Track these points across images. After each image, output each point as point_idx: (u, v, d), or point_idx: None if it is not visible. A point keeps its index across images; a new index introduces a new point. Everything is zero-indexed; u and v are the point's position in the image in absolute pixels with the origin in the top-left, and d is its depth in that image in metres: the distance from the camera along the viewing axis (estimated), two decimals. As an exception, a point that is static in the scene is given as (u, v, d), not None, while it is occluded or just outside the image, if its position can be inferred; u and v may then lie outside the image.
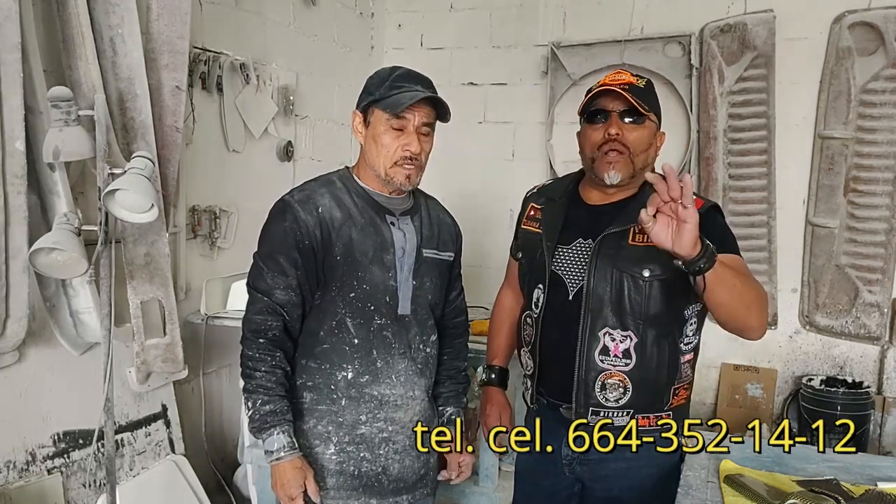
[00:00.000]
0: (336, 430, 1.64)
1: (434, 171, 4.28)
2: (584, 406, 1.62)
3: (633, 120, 1.61)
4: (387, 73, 1.60)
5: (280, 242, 1.59)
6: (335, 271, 1.60)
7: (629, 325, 1.58)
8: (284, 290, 1.58)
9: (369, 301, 1.62)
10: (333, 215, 1.60)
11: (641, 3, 3.75)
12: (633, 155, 1.60)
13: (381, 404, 1.65)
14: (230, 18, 3.05)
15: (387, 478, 1.68)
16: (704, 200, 1.61)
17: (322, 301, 1.62)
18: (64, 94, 1.82)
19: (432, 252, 1.71)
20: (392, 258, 1.63)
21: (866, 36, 3.38)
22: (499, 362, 1.92)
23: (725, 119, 3.61)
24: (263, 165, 3.31)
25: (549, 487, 1.76)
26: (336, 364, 1.63)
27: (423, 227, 1.70)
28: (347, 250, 1.59)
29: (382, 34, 4.26)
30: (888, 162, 3.40)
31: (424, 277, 1.69)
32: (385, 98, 1.56)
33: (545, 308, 1.68)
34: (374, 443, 1.66)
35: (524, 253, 1.79)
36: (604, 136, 1.61)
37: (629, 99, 1.57)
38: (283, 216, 1.60)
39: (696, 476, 1.47)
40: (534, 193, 1.85)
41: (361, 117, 1.63)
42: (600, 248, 1.60)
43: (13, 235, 1.94)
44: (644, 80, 1.65)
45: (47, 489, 2.17)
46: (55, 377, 2.24)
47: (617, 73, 1.65)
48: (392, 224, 1.64)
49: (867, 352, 3.56)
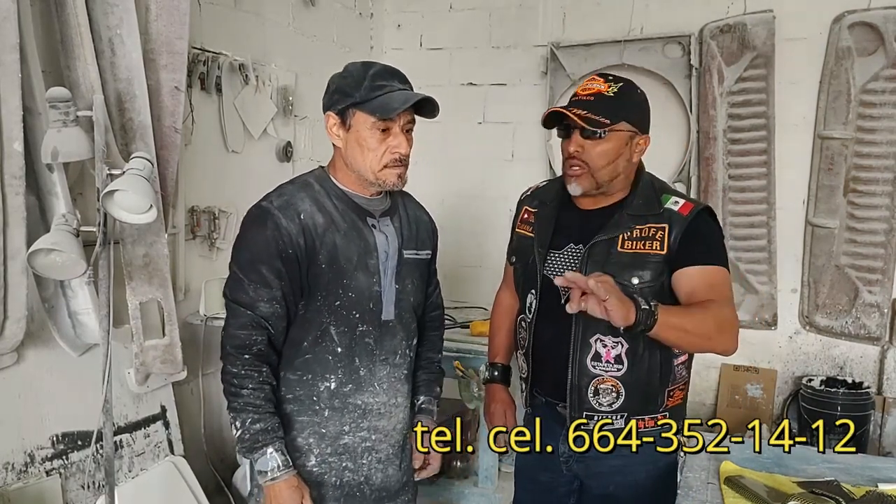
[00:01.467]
0: (318, 441, 1.60)
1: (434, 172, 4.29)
2: (577, 410, 1.64)
3: (593, 135, 1.57)
4: (361, 71, 1.51)
5: (261, 252, 1.50)
6: (320, 279, 1.54)
7: (619, 332, 1.58)
8: (268, 303, 1.51)
9: (354, 308, 1.57)
10: (316, 221, 1.53)
11: (641, 4, 3.75)
12: (594, 170, 1.59)
13: (364, 413, 1.61)
14: (229, 19, 3.05)
15: (369, 487, 1.65)
16: (694, 204, 1.62)
17: (307, 311, 1.56)
18: (62, 95, 1.82)
19: (412, 253, 1.66)
20: (376, 262, 1.58)
21: (866, 36, 3.38)
22: (501, 360, 1.93)
23: (725, 119, 3.61)
24: (263, 166, 3.30)
25: (548, 483, 1.78)
26: (319, 374, 1.58)
27: (403, 228, 1.65)
28: (332, 257, 1.53)
29: (382, 34, 4.26)
30: (888, 162, 3.40)
31: (406, 280, 1.65)
32: (370, 100, 1.48)
33: (537, 313, 1.68)
34: (357, 452, 1.63)
35: (518, 257, 1.80)
36: (567, 153, 1.62)
37: (590, 116, 1.55)
38: (264, 224, 1.51)
39: (696, 477, 1.47)
40: (527, 196, 1.85)
41: (338, 119, 1.53)
42: (589, 256, 1.61)
43: (11, 236, 1.94)
44: (618, 84, 1.60)
45: (46, 491, 2.16)
46: (54, 378, 2.24)
47: (590, 81, 1.62)
48: (373, 227, 1.59)
49: (867, 352, 3.55)
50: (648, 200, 1.62)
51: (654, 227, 1.58)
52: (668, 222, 1.58)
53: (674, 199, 1.62)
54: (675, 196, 1.64)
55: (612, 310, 1.35)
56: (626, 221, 1.60)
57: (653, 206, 1.61)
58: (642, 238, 1.58)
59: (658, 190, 1.66)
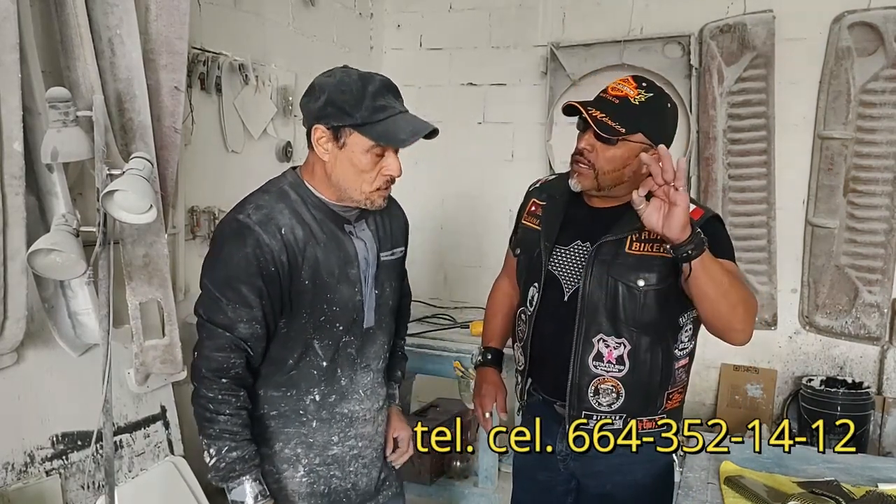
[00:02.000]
0: (306, 451, 1.57)
1: (434, 172, 4.28)
2: (577, 409, 1.64)
3: (607, 139, 1.55)
4: (359, 87, 1.40)
5: (241, 270, 1.42)
6: (303, 297, 1.47)
7: (623, 333, 1.58)
8: (248, 324, 1.43)
9: (338, 321, 1.52)
10: (297, 235, 1.45)
11: (641, 4, 3.75)
12: (598, 173, 1.57)
13: (351, 422, 1.60)
14: (229, 19, 3.05)
15: (355, 492, 1.65)
16: (704, 210, 1.61)
17: (289, 329, 1.50)
18: (62, 95, 1.81)
19: (388, 254, 1.62)
20: (357, 272, 1.53)
21: (866, 36, 3.38)
22: (494, 344, 1.93)
23: (725, 119, 3.61)
24: (262, 166, 3.29)
25: (546, 482, 1.78)
26: (303, 389, 1.54)
27: (379, 229, 1.60)
28: (315, 272, 1.47)
29: (381, 35, 4.26)
30: (888, 162, 3.40)
31: (384, 284, 1.61)
32: (372, 124, 1.39)
33: (539, 307, 1.68)
34: (346, 461, 1.61)
35: (522, 249, 1.79)
36: (578, 147, 1.61)
37: (607, 122, 1.52)
38: (243, 240, 1.42)
39: (696, 477, 1.47)
40: (536, 188, 1.84)
41: (330, 134, 1.42)
42: (596, 255, 1.61)
43: (11, 237, 1.94)
44: (648, 94, 1.56)
45: (46, 491, 2.16)
46: (54, 378, 2.23)
47: (622, 82, 1.58)
48: (351, 234, 1.53)
49: (867, 352, 3.55)
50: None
51: None
52: None
53: None
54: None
55: (680, 207, 1.32)
56: (635, 223, 1.59)
57: None
58: (651, 241, 1.58)
59: None
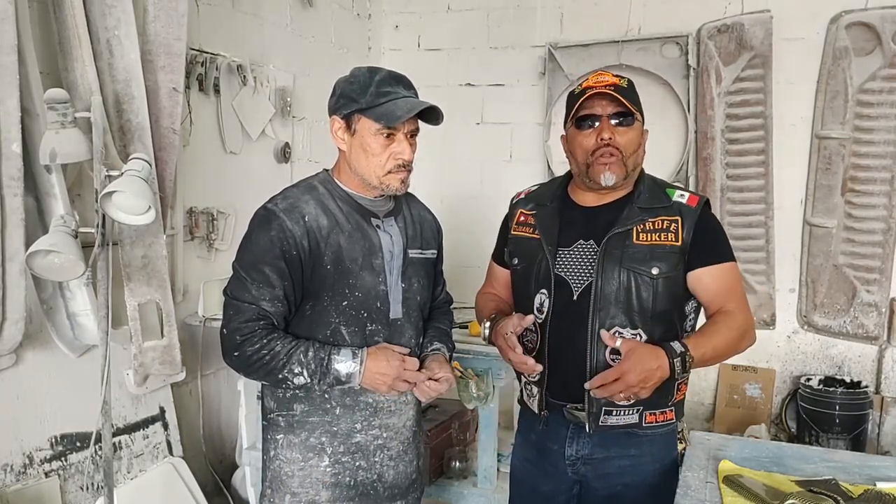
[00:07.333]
0: (330, 440, 1.62)
1: (432, 172, 4.28)
2: (597, 406, 1.62)
3: (623, 122, 1.61)
4: (367, 77, 1.54)
5: (265, 252, 1.52)
6: (325, 280, 1.56)
7: (637, 323, 1.59)
8: (271, 302, 1.53)
9: (362, 308, 1.59)
10: (320, 223, 1.55)
11: (638, 4, 3.75)
12: (626, 157, 1.61)
13: (375, 411, 1.64)
14: (227, 20, 3.05)
15: (382, 485, 1.67)
16: (699, 197, 1.66)
17: (313, 311, 1.58)
18: (60, 97, 1.81)
19: (417, 252, 1.69)
20: (381, 262, 1.60)
21: (863, 36, 3.38)
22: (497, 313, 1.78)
23: (723, 119, 3.61)
24: (261, 167, 3.30)
25: (548, 493, 1.76)
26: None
27: (407, 227, 1.68)
28: (337, 258, 1.56)
29: (379, 35, 4.26)
30: (885, 162, 3.41)
31: (412, 279, 1.67)
32: (375, 107, 1.51)
33: (552, 312, 1.67)
34: (370, 450, 1.65)
35: (521, 259, 1.77)
36: (596, 142, 1.61)
37: (620, 100, 1.58)
38: (269, 225, 1.54)
39: (694, 476, 1.47)
40: (521, 199, 1.83)
41: (343, 123, 1.57)
42: (606, 249, 1.61)
43: (10, 238, 1.94)
44: (625, 79, 1.65)
45: (45, 492, 2.16)
46: (52, 380, 2.23)
47: (599, 75, 1.65)
48: (378, 227, 1.62)
49: (865, 351, 3.56)
50: (654, 194, 1.66)
51: (668, 220, 1.62)
52: (680, 214, 1.62)
53: (679, 193, 1.67)
54: (678, 189, 1.68)
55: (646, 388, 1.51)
56: (637, 214, 1.62)
57: (661, 199, 1.64)
58: (656, 230, 1.61)
59: (660, 185, 1.70)
